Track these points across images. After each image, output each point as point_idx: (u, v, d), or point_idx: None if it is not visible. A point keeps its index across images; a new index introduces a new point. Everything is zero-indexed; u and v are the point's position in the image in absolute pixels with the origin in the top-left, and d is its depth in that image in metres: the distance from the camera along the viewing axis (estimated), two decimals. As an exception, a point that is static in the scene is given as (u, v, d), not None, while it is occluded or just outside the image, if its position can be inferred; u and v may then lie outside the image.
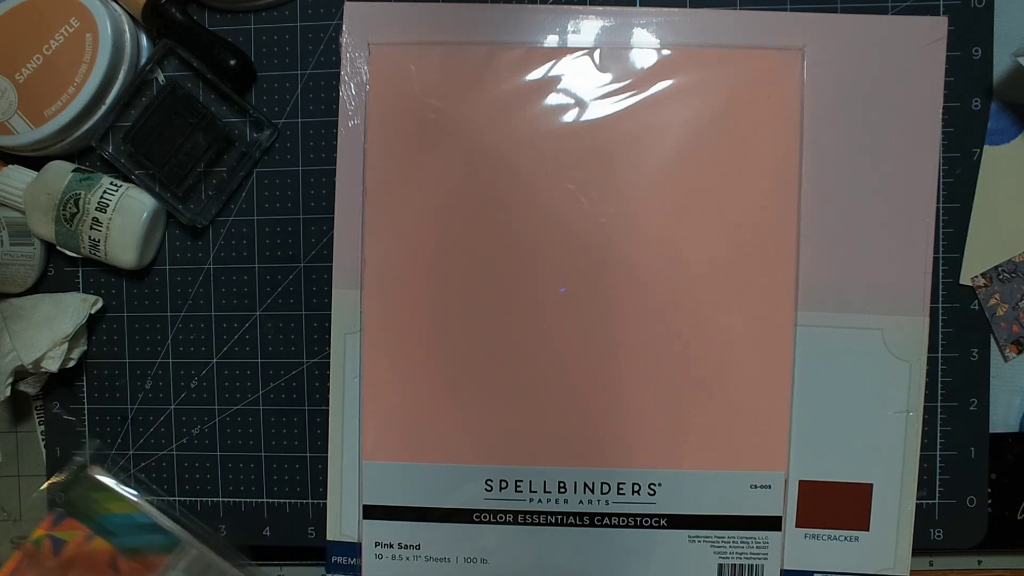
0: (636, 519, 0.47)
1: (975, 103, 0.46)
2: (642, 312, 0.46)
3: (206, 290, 0.49)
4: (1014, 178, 0.46)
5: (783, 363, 0.46)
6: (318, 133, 0.48)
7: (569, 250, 0.46)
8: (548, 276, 0.46)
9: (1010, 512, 0.47)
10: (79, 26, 0.45)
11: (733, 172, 0.45)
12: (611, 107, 0.46)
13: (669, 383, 0.46)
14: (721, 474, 0.46)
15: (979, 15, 0.46)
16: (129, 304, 0.49)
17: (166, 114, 0.47)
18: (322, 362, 0.48)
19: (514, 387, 0.46)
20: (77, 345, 0.48)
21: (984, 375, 0.47)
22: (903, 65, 0.45)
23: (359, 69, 0.47)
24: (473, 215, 0.46)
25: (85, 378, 0.50)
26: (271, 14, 0.48)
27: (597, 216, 0.46)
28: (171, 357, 0.49)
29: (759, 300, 0.45)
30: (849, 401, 0.46)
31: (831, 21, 0.45)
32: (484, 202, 0.46)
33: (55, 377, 0.48)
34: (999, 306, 0.46)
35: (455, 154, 0.46)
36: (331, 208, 0.47)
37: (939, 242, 0.46)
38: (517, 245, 0.46)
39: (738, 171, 0.45)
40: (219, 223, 0.49)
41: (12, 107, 0.46)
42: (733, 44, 0.45)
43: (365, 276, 0.46)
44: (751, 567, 0.46)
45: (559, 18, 0.46)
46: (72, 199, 0.45)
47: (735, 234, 0.45)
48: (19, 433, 0.51)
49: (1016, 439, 0.47)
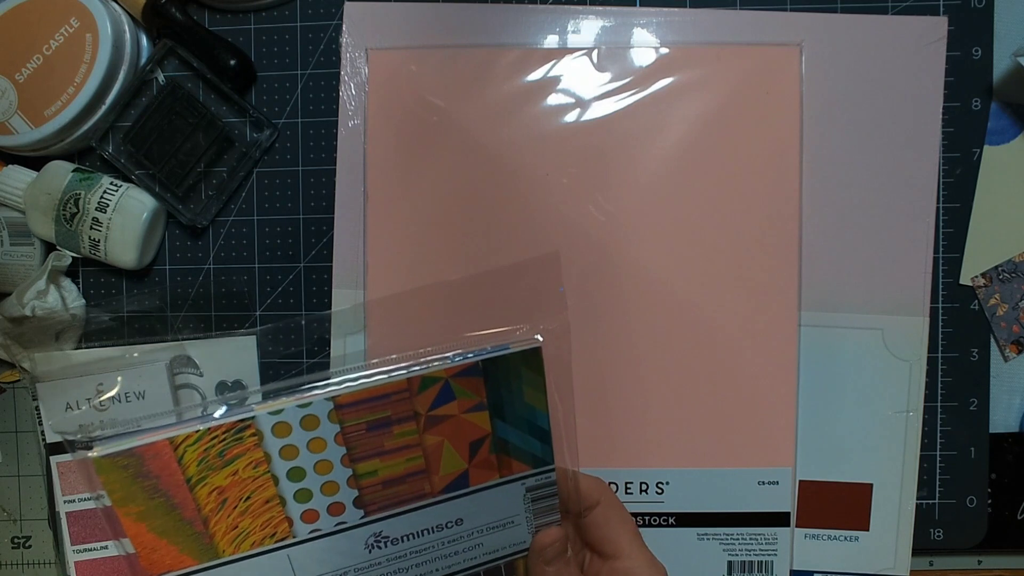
0: (645, 518, 0.47)
1: (975, 103, 0.46)
2: (644, 311, 0.46)
3: (206, 290, 0.49)
4: (1014, 178, 0.46)
5: (788, 360, 0.46)
6: (318, 133, 0.48)
7: (570, 249, 0.46)
8: (548, 276, 0.46)
9: (1010, 512, 0.47)
10: (79, 26, 0.45)
11: (733, 169, 0.45)
12: (611, 106, 0.46)
13: (674, 381, 0.46)
14: (729, 471, 0.46)
15: (979, 15, 0.46)
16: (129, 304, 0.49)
17: (166, 114, 0.47)
18: (322, 362, 0.48)
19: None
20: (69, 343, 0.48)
21: (984, 375, 0.47)
22: (903, 65, 0.45)
23: (359, 69, 0.47)
24: (474, 214, 0.46)
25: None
26: (271, 14, 0.48)
27: (597, 215, 0.46)
28: (171, 357, 0.49)
29: (762, 297, 0.45)
30: (849, 401, 0.46)
31: (831, 21, 0.45)
32: (485, 201, 0.46)
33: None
34: (999, 306, 0.46)
35: (455, 154, 0.46)
36: (331, 208, 0.47)
37: (939, 242, 0.46)
38: (518, 244, 0.46)
39: (738, 168, 0.45)
40: (219, 223, 0.49)
41: (12, 107, 0.46)
42: (732, 42, 0.45)
43: (368, 276, 0.46)
44: (760, 563, 0.46)
45: (559, 18, 0.46)
46: (72, 199, 0.45)
47: (736, 231, 0.45)
48: (19, 433, 0.51)
49: (1016, 439, 0.47)
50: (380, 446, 0.39)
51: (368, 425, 0.39)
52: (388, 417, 0.39)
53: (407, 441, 0.39)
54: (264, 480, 0.38)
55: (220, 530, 0.38)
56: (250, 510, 0.39)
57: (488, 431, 0.40)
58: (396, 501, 0.40)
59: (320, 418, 0.38)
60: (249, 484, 0.38)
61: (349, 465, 0.39)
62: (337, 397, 0.38)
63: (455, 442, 0.40)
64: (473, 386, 0.39)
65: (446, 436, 0.40)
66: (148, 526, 0.38)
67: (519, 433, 0.40)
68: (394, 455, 0.39)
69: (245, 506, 0.38)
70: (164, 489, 0.37)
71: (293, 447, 0.38)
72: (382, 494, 0.40)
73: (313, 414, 0.38)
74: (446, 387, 0.39)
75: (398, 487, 0.40)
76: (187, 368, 0.48)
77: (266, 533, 0.39)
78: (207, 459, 0.38)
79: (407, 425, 0.39)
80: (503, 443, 0.40)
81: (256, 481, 0.38)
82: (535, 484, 0.41)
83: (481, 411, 0.40)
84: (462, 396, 0.39)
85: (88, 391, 0.46)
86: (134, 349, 0.48)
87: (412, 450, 0.39)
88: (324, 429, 0.38)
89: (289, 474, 0.38)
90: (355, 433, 0.39)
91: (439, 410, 0.39)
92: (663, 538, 0.46)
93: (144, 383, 0.46)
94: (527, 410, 0.40)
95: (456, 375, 0.39)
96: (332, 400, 0.38)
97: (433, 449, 0.40)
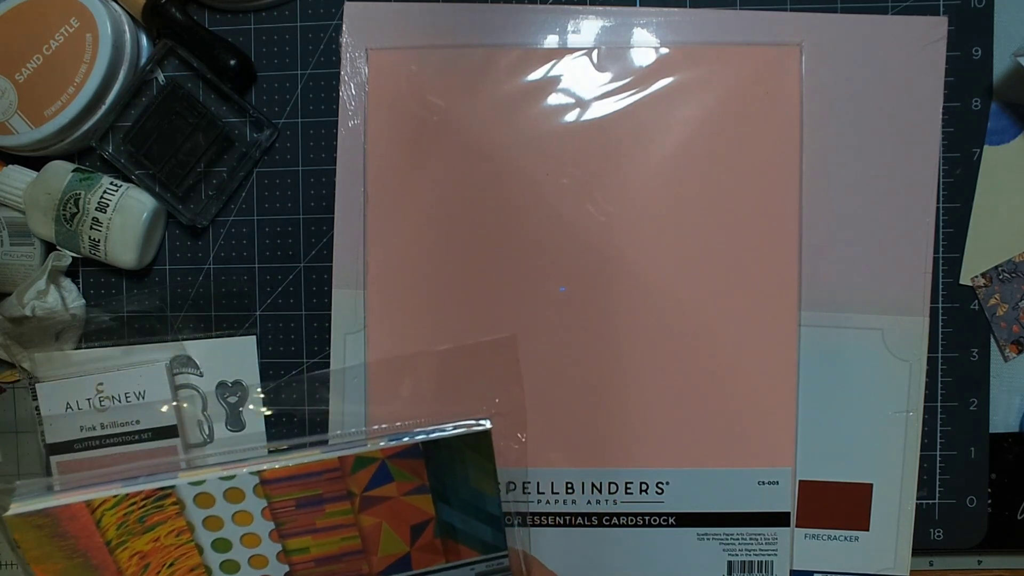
0: (644, 518, 0.47)
1: (975, 103, 0.46)
2: (645, 310, 0.46)
3: (206, 290, 0.49)
4: (1014, 178, 0.46)
5: (788, 359, 0.46)
6: (318, 133, 0.48)
7: (571, 249, 0.46)
8: (550, 275, 0.46)
9: (1010, 512, 0.47)
10: (79, 26, 0.45)
11: (733, 169, 0.45)
12: (611, 106, 0.46)
13: (673, 381, 0.46)
14: (729, 471, 0.46)
15: (979, 15, 0.46)
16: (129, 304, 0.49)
17: (166, 114, 0.47)
18: (322, 362, 0.48)
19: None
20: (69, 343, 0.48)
21: (984, 375, 0.47)
22: (903, 65, 0.45)
23: (359, 69, 0.47)
24: (474, 215, 0.46)
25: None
26: (271, 14, 0.48)
27: (598, 215, 0.46)
28: (171, 357, 0.49)
29: (762, 296, 0.45)
30: (849, 401, 0.46)
31: (831, 21, 0.45)
32: (485, 201, 0.46)
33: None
34: (999, 306, 0.46)
35: (456, 154, 0.46)
36: (331, 208, 0.47)
37: (939, 242, 0.46)
38: (518, 244, 0.46)
39: (738, 168, 0.45)
40: (219, 223, 0.49)
41: (12, 107, 0.46)
42: (732, 42, 0.45)
43: (368, 276, 0.46)
44: (760, 563, 0.46)
45: (559, 18, 0.46)
46: (72, 199, 0.45)
47: (736, 231, 0.45)
48: (19, 433, 0.51)
49: (1016, 439, 0.47)
50: (311, 524, 0.38)
51: (297, 502, 0.37)
52: (319, 495, 0.38)
53: (341, 520, 0.38)
54: (188, 548, 0.37)
55: None
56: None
57: (432, 515, 0.39)
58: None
59: (245, 491, 0.37)
60: (172, 551, 0.37)
61: (278, 540, 0.38)
62: (263, 472, 0.37)
63: (394, 524, 0.38)
64: (412, 468, 0.38)
65: (384, 518, 0.38)
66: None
67: (466, 518, 0.39)
68: (327, 533, 0.38)
69: (169, 572, 0.38)
70: (83, 550, 0.37)
71: (217, 518, 0.37)
72: (315, 571, 0.38)
73: (238, 487, 0.37)
74: (383, 468, 0.38)
75: (333, 565, 0.38)
76: (187, 368, 0.48)
77: None
78: (127, 524, 0.37)
79: (340, 504, 0.38)
80: (449, 527, 0.39)
81: (179, 548, 0.37)
82: (486, 570, 0.40)
83: (423, 494, 0.38)
84: (401, 478, 0.38)
85: (88, 391, 0.46)
86: (134, 349, 0.48)
87: (347, 529, 0.38)
88: (250, 503, 0.37)
89: (214, 544, 0.38)
90: (284, 509, 0.38)
91: (376, 491, 0.38)
92: (663, 538, 0.46)
93: (144, 383, 0.46)
94: (474, 495, 0.39)
95: (393, 456, 0.37)
96: (258, 474, 0.37)
97: (370, 530, 0.38)
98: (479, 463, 0.38)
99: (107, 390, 0.46)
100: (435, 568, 0.39)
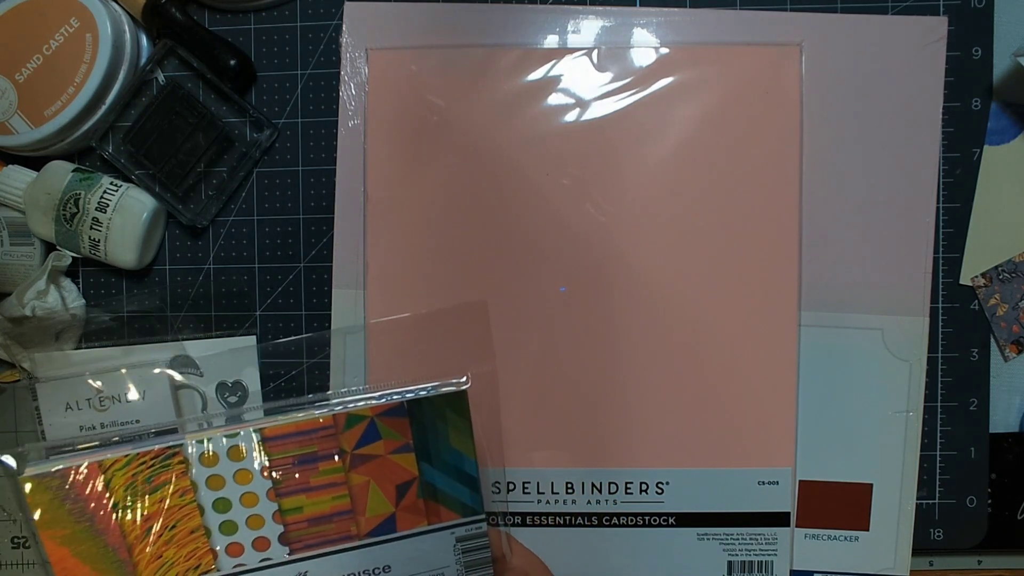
0: (644, 518, 0.47)
1: (975, 103, 0.46)
2: (645, 310, 0.46)
3: (206, 290, 0.49)
4: (1014, 178, 0.46)
5: (788, 359, 0.46)
6: (318, 133, 0.48)
7: (571, 249, 0.46)
8: (550, 275, 0.46)
9: (1010, 512, 0.47)
10: (79, 26, 0.45)
11: (733, 169, 0.45)
12: (611, 106, 0.46)
13: (673, 381, 0.46)
14: (729, 471, 0.46)
15: (979, 15, 0.46)
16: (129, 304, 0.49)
17: (166, 114, 0.47)
18: (322, 362, 0.48)
19: (518, 388, 0.46)
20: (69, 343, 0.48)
21: (984, 375, 0.47)
22: (903, 65, 0.45)
23: (359, 69, 0.47)
24: (474, 215, 0.46)
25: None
26: (271, 14, 0.48)
27: (598, 215, 0.46)
28: (171, 357, 0.49)
29: (762, 296, 0.45)
30: (849, 401, 0.46)
31: (830, 21, 0.45)
32: (485, 202, 0.46)
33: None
34: (999, 306, 0.46)
35: (456, 154, 0.46)
36: (331, 208, 0.47)
37: (939, 242, 0.46)
38: (518, 244, 0.46)
39: (738, 168, 0.45)
40: (219, 223, 0.49)
41: (12, 107, 0.46)
42: (732, 42, 0.45)
43: (368, 276, 0.46)
44: (760, 563, 0.46)
45: (559, 18, 0.46)
46: (72, 199, 0.45)
47: (736, 231, 0.45)
48: (19, 433, 0.51)
49: (1016, 439, 0.47)
50: (306, 482, 0.39)
51: (295, 460, 0.39)
52: (315, 452, 0.39)
53: (333, 479, 0.39)
54: (190, 509, 0.39)
55: (144, 559, 0.38)
56: (175, 539, 0.39)
57: (415, 474, 0.40)
58: (322, 540, 0.40)
59: (247, 449, 0.38)
60: (175, 512, 0.38)
61: (275, 500, 0.39)
62: (264, 429, 0.38)
63: (382, 483, 0.40)
64: (399, 427, 0.39)
65: (372, 476, 0.39)
66: (72, 551, 0.38)
67: (447, 479, 0.40)
68: (320, 492, 0.39)
69: (170, 535, 0.39)
70: (90, 513, 0.38)
71: (219, 477, 0.38)
72: (308, 532, 0.40)
73: (240, 445, 0.38)
74: (372, 426, 0.39)
75: (324, 526, 0.40)
76: (187, 368, 0.48)
77: (190, 565, 0.39)
78: (135, 484, 0.38)
79: (333, 462, 0.39)
80: (431, 488, 0.40)
81: (182, 510, 0.38)
82: (465, 535, 0.41)
83: (407, 452, 0.40)
84: (388, 436, 0.39)
85: (88, 391, 0.46)
86: (134, 349, 0.48)
87: (338, 488, 0.39)
88: (250, 461, 0.39)
89: (215, 504, 0.39)
90: (282, 467, 0.39)
91: (365, 449, 0.39)
92: (663, 538, 0.46)
93: (144, 383, 0.46)
94: (454, 455, 0.40)
95: (382, 414, 0.39)
96: (259, 432, 0.38)
97: (359, 489, 0.40)
98: (457, 423, 0.40)
99: (107, 390, 0.46)
100: (419, 531, 0.40)
